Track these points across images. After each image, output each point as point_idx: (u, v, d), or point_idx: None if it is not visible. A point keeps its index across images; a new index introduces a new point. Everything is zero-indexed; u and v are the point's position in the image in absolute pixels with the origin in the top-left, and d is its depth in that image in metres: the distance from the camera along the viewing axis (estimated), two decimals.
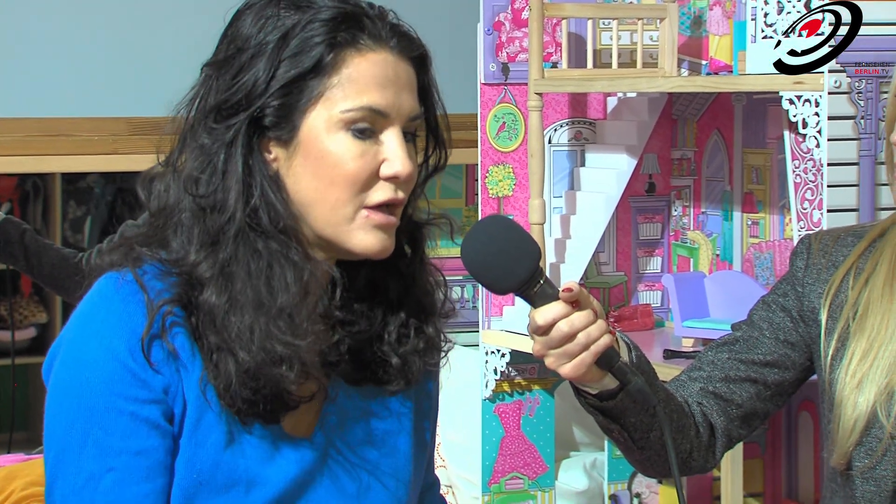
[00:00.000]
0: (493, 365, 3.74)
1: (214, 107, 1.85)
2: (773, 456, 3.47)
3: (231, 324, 1.82)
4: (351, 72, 1.84)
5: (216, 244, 1.84)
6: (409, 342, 1.95)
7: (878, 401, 2.17)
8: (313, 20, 1.84)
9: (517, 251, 1.90)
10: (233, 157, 1.84)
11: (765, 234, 3.54)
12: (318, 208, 1.86)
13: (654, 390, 2.07)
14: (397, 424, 2.01)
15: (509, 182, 3.75)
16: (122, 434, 1.81)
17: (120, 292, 1.84)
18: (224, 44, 1.89)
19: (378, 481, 1.97)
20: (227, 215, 1.83)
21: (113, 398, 1.81)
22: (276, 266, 1.84)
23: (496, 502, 3.79)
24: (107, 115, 4.14)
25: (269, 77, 1.83)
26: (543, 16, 3.51)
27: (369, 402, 1.98)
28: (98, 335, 1.83)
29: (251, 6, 1.89)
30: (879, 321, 2.20)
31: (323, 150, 1.84)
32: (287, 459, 1.90)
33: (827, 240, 2.33)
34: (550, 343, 1.94)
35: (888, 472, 2.18)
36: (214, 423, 1.85)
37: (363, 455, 1.97)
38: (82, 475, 1.80)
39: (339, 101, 1.84)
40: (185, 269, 1.85)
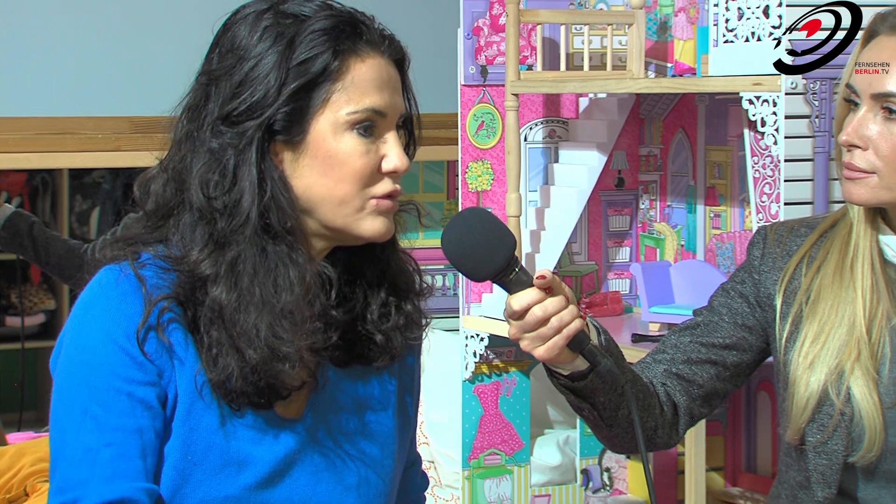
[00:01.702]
0: (473, 348, 3.74)
1: (222, 114, 1.84)
2: (733, 432, 3.48)
3: (238, 321, 1.81)
4: (353, 76, 1.85)
5: (224, 244, 1.83)
6: (391, 319, 1.96)
7: (829, 380, 2.18)
8: (315, 29, 1.84)
9: (494, 241, 1.91)
10: (245, 162, 1.83)
11: (726, 225, 3.54)
12: (327, 204, 1.86)
13: (621, 371, 2.08)
14: (382, 402, 2.01)
15: (488, 177, 3.75)
16: (119, 412, 1.81)
17: (119, 284, 1.84)
18: (218, 52, 1.88)
19: (365, 457, 1.97)
20: (243, 217, 1.82)
21: (112, 378, 1.82)
22: (282, 266, 1.84)
23: (476, 477, 3.79)
24: (110, 114, 4.13)
25: (280, 85, 1.83)
26: (519, 21, 3.51)
27: (356, 382, 1.98)
28: (97, 321, 1.84)
29: (243, 17, 1.88)
30: (830, 306, 2.21)
31: (331, 150, 1.85)
32: (277, 440, 1.90)
33: (782, 231, 2.34)
34: (526, 327, 1.95)
35: (839, 447, 2.19)
36: (206, 409, 1.85)
37: (350, 433, 1.97)
38: (80, 448, 1.80)
39: (343, 104, 1.84)
40: (185, 267, 1.84)
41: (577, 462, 3.91)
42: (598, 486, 3.90)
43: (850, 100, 2.17)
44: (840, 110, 2.19)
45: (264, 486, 1.88)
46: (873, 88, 2.13)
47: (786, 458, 2.30)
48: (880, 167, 2.13)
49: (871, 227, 2.21)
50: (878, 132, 2.13)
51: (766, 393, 3.40)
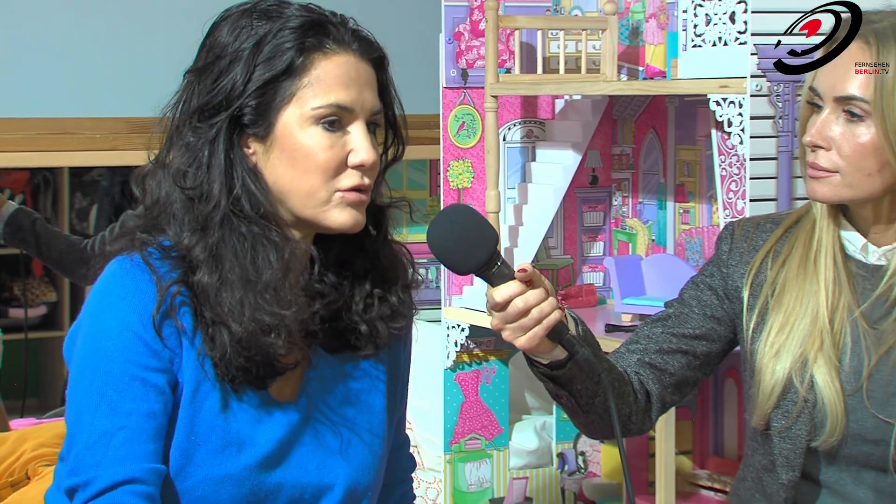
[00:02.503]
0: (454, 338, 3.74)
1: (198, 108, 1.87)
2: (701, 418, 3.48)
3: (223, 299, 1.83)
4: (319, 73, 1.86)
5: (205, 229, 1.85)
6: (374, 310, 1.96)
7: (793, 368, 2.18)
8: (283, 28, 1.86)
9: (477, 236, 1.91)
10: (216, 152, 1.85)
11: (695, 221, 3.55)
12: (295, 194, 1.88)
13: (598, 360, 2.08)
14: (371, 386, 2.02)
15: (468, 175, 3.75)
16: (133, 397, 1.82)
17: (131, 272, 1.85)
18: (203, 52, 1.91)
19: (356, 436, 1.98)
20: (213, 203, 1.85)
21: (127, 365, 1.82)
22: (259, 247, 1.85)
23: (457, 460, 3.79)
24: (107, 115, 4.13)
25: (245, 80, 1.85)
26: (498, 27, 3.51)
27: (346, 367, 1.99)
28: (113, 309, 1.84)
29: (227, 18, 1.91)
30: (794, 298, 2.21)
31: (297, 143, 1.86)
32: (275, 422, 1.91)
33: (748, 226, 2.34)
34: (507, 318, 1.95)
35: (802, 432, 2.19)
36: (210, 391, 1.86)
37: (342, 414, 1.97)
38: (96, 431, 1.80)
39: (309, 99, 1.86)
40: (181, 253, 1.85)
41: (554, 446, 3.92)
42: (574, 469, 3.91)
43: (814, 102, 2.17)
44: (804, 112, 2.19)
45: (263, 465, 1.89)
46: (836, 92, 2.13)
47: (752, 443, 2.30)
48: (842, 167, 2.13)
49: (833, 223, 2.21)
50: (840, 133, 2.13)
51: (733, 380, 3.41)
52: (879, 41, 2.09)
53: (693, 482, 3.37)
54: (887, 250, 2.19)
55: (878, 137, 2.10)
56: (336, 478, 1.95)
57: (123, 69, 4.14)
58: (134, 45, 4.15)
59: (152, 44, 4.10)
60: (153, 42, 4.11)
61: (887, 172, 2.12)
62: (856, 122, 2.12)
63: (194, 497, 1.86)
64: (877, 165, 2.12)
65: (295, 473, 1.92)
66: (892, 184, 2.13)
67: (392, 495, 2.13)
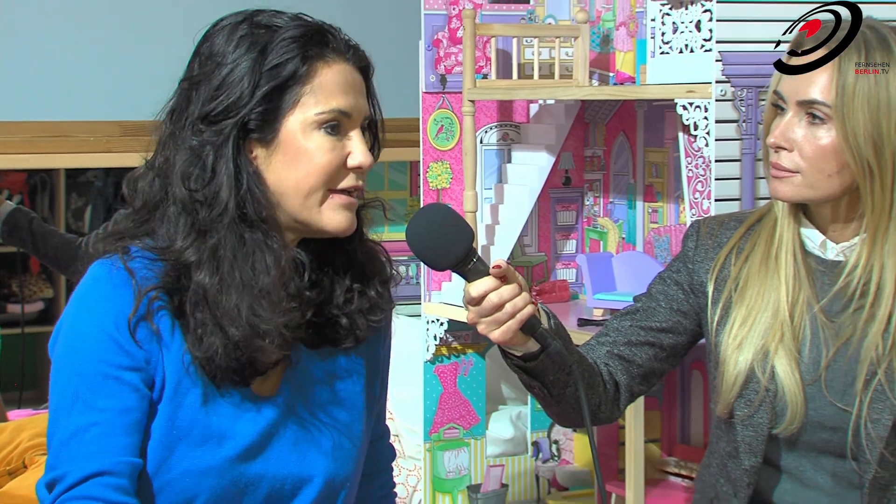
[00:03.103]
0: (434, 332, 3.74)
1: (202, 115, 1.85)
2: (669, 407, 3.48)
3: (221, 302, 1.82)
4: (321, 80, 1.86)
5: (206, 232, 1.83)
6: (354, 303, 1.96)
7: (755, 359, 2.19)
8: (285, 37, 1.86)
9: (454, 234, 1.91)
10: (223, 157, 1.84)
11: (663, 220, 3.55)
12: (295, 196, 1.87)
13: (569, 352, 2.08)
14: (350, 380, 2.01)
15: (447, 176, 3.75)
16: (107, 394, 1.81)
17: (111, 276, 1.84)
18: (199, 60, 1.89)
19: (335, 430, 1.97)
20: (221, 207, 1.83)
21: (100, 364, 1.81)
22: (259, 252, 1.84)
23: (436, 449, 3.79)
24: (101, 118, 4.12)
25: (253, 88, 1.84)
26: (475, 34, 3.51)
27: (326, 362, 1.98)
28: (90, 312, 1.83)
29: (221, 28, 1.90)
30: (756, 293, 2.21)
31: (301, 146, 1.86)
32: (255, 416, 1.90)
33: (713, 224, 2.34)
34: (483, 312, 1.95)
35: (763, 419, 2.20)
36: (191, 387, 1.85)
37: (321, 408, 1.97)
38: (70, 428, 1.80)
39: (312, 105, 1.86)
40: (171, 256, 1.84)
41: (529, 435, 3.92)
42: (548, 457, 3.91)
43: (778, 105, 2.17)
44: (768, 115, 2.20)
45: (243, 457, 1.88)
46: (799, 96, 2.13)
47: (716, 431, 2.31)
48: (804, 167, 2.14)
49: (794, 221, 2.22)
50: (802, 136, 2.13)
51: (699, 371, 3.41)
52: None
53: (661, 469, 3.38)
54: (845, 247, 2.20)
55: (838, 140, 2.10)
56: (315, 470, 1.94)
57: (116, 75, 4.14)
58: (126, 53, 4.14)
59: (144, 51, 4.10)
60: (145, 50, 4.10)
61: (846, 174, 2.12)
62: (817, 124, 2.12)
63: (177, 489, 1.85)
64: (836, 167, 2.12)
65: (275, 465, 1.91)
66: (850, 184, 2.14)
67: (373, 484, 2.13)
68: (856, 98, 2.08)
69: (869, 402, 2.14)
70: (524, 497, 3.89)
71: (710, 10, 2.89)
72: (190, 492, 1.86)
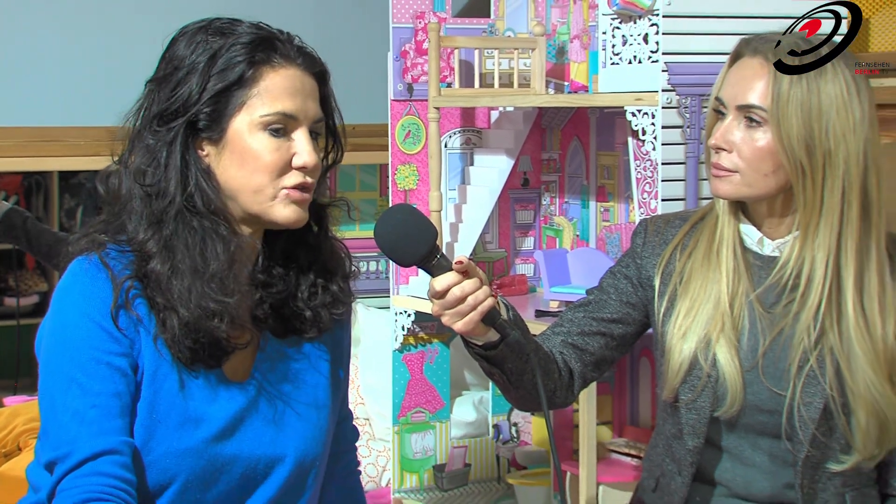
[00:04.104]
0: (402, 323, 3.74)
1: (157, 114, 1.86)
2: (619, 392, 3.49)
3: (173, 287, 1.82)
4: (267, 84, 1.86)
5: (160, 223, 1.84)
6: (318, 297, 1.96)
7: (698, 348, 2.19)
8: (235, 43, 1.86)
9: (419, 232, 1.90)
10: (173, 153, 1.85)
11: (614, 218, 3.56)
12: (245, 192, 1.87)
13: (527, 342, 2.08)
14: (316, 366, 2.01)
15: (413, 178, 3.74)
16: (101, 378, 1.80)
17: (88, 272, 1.84)
18: (163, 63, 1.90)
19: (304, 412, 1.97)
20: (168, 199, 1.84)
21: (92, 351, 1.80)
22: (209, 240, 1.84)
23: (404, 431, 3.79)
24: (90, 124, 4.10)
25: (201, 89, 1.84)
26: (440, 46, 3.51)
27: (293, 349, 1.98)
28: (75, 305, 1.83)
29: (184, 34, 1.90)
30: (699, 286, 2.22)
31: (246, 146, 1.86)
32: (229, 400, 1.90)
33: (660, 223, 2.35)
34: (446, 305, 1.95)
35: (706, 403, 2.20)
36: (168, 373, 1.85)
37: (290, 392, 1.97)
38: (69, 411, 1.78)
39: (258, 107, 1.85)
40: (136, 247, 1.84)
41: (490, 418, 3.92)
42: (507, 439, 3.91)
43: (719, 110, 2.18)
44: (710, 119, 2.21)
45: (218, 439, 1.88)
46: (738, 101, 2.14)
47: (662, 414, 2.31)
48: (742, 167, 2.14)
49: (733, 219, 2.23)
50: (741, 138, 2.14)
51: (647, 359, 3.42)
52: (778, 58, 2.11)
53: (612, 449, 3.38)
54: (780, 243, 2.20)
55: (773, 142, 2.11)
56: (286, 450, 1.94)
57: (104, 83, 4.12)
58: (114, 62, 4.12)
59: (130, 61, 4.08)
60: (131, 59, 4.08)
61: (781, 173, 2.13)
62: (755, 127, 2.13)
63: (158, 469, 1.85)
64: (772, 167, 2.13)
65: (249, 446, 1.91)
66: (784, 183, 2.14)
67: (339, 463, 2.13)
68: (790, 103, 2.08)
69: (802, 386, 2.15)
70: (486, 475, 3.90)
71: (656, 24, 2.89)
72: (170, 471, 1.85)
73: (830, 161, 2.09)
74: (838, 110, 2.08)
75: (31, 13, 4.08)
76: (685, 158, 2.92)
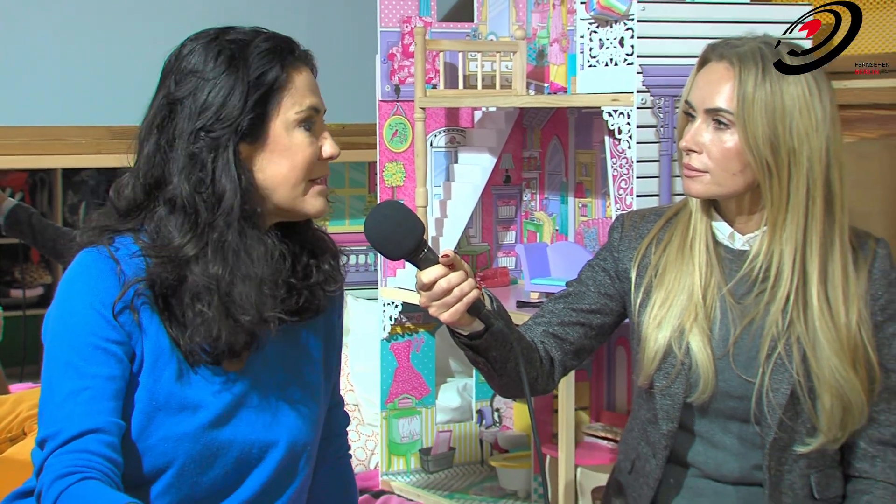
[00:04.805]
0: (389, 314, 3.73)
1: (197, 126, 1.82)
2: (597, 379, 3.49)
3: (233, 292, 1.81)
4: (295, 84, 1.87)
5: (205, 229, 1.81)
6: (312, 277, 1.96)
7: (673, 337, 2.19)
8: (261, 49, 1.86)
9: (406, 227, 1.90)
10: (223, 161, 1.82)
11: (592, 213, 3.56)
12: (283, 187, 1.87)
13: (510, 331, 2.08)
14: (309, 355, 2.01)
15: (401, 175, 3.74)
16: (96, 363, 1.79)
17: (97, 263, 1.83)
18: (174, 79, 1.86)
19: (296, 399, 1.97)
20: (227, 207, 1.82)
21: (90, 336, 1.80)
22: (255, 244, 1.84)
23: (392, 417, 3.79)
24: (91, 123, 4.09)
25: (244, 97, 1.83)
26: (426, 49, 3.50)
27: (289, 339, 1.98)
28: (80, 294, 1.82)
29: (192, 49, 1.87)
30: (674, 278, 2.22)
31: (286, 144, 1.86)
32: (225, 388, 1.89)
33: (636, 218, 2.34)
34: (433, 296, 1.94)
35: (679, 390, 2.20)
36: (168, 363, 1.85)
37: (285, 381, 1.96)
38: (64, 392, 1.78)
39: (290, 106, 1.86)
40: (166, 252, 1.82)
41: (473, 404, 3.92)
42: (490, 423, 3.91)
43: (689, 113, 2.18)
44: (681, 121, 2.20)
45: (214, 425, 1.87)
46: (706, 104, 2.14)
47: (638, 399, 2.31)
48: (712, 167, 2.14)
49: (706, 215, 2.23)
50: (710, 139, 2.14)
51: (623, 348, 3.42)
52: (741, 63, 2.11)
53: (590, 433, 3.38)
54: (749, 238, 2.20)
55: (740, 143, 2.11)
56: (279, 435, 1.93)
57: (104, 85, 4.10)
58: (114, 64, 4.10)
59: (130, 63, 4.07)
60: (131, 61, 4.07)
61: (748, 172, 2.13)
62: (722, 129, 2.13)
63: (157, 453, 1.84)
64: (740, 166, 2.13)
65: (243, 432, 1.90)
66: (752, 182, 2.14)
67: (330, 447, 2.13)
68: (755, 105, 2.09)
69: (770, 373, 2.15)
70: (469, 458, 3.90)
71: (631, 28, 2.89)
72: (168, 455, 1.85)
73: (795, 159, 2.09)
74: (801, 110, 2.08)
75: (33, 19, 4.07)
76: (659, 156, 2.92)
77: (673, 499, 2.26)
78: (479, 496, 3.62)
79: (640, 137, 2.89)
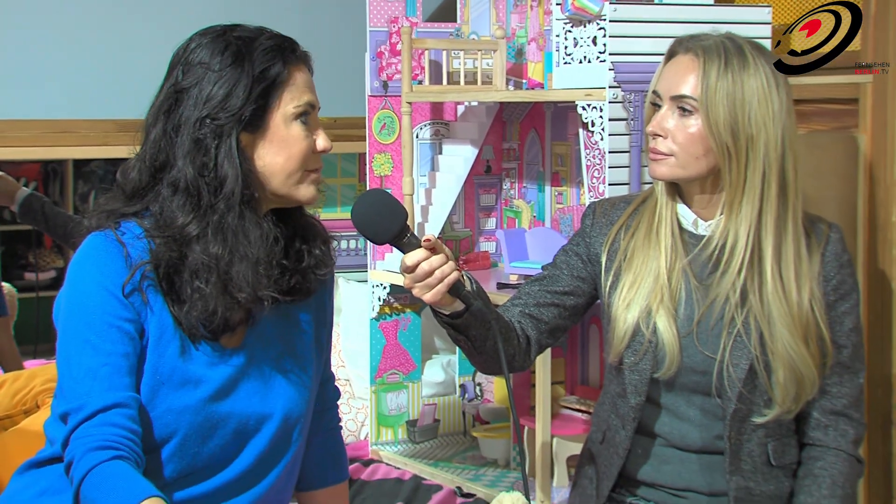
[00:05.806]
0: (378, 295, 3.73)
1: (202, 114, 1.82)
2: (571, 355, 3.50)
3: (231, 270, 1.81)
4: (294, 80, 1.88)
5: (207, 210, 1.81)
6: (304, 261, 1.96)
7: (640, 317, 2.19)
8: (266, 46, 1.86)
9: (391, 213, 1.90)
10: (226, 148, 1.82)
11: (567, 201, 3.55)
12: (279, 176, 1.87)
13: (489, 311, 2.08)
14: (302, 332, 2.00)
15: (389, 165, 3.73)
16: (112, 340, 1.79)
17: (105, 246, 1.82)
18: (181, 70, 1.86)
19: (290, 374, 1.97)
20: (229, 190, 1.82)
21: (105, 315, 1.79)
22: (252, 226, 1.84)
23: (380, 391, 3.78)
24: (99, 117, 4.07)
25: (248, 89, 1.83)
26: (412, 47, 3.49)
27: (282, 316, 1.97)
28: (90, 275, 1.81)
29: (199, 43, 1.87)
30: (641, 262, 2.22)
31: (284, 135, 1.86)
32: (224, 363, 1.89)
33: (606, 205, 2.34)
34: (416, 278, 1.94)
35: (647, 366, 2.21)
36: (171, 340, 1.84)
37: (279, 356, 1.96)
38: (83, 368, 1.77)
39: (290, 100, 1.87)
40: (170, 232, 1.82)
41: (457, 379, 3.92)
42: (472, 397, 3.91)
43: (655, 102, 2.18)
44: (648, 110, 2.21)
45: (214, 398, 1.87)
46: (672, 92, 2.14)
47: (609, 375, 2.31)
48: (676, 151, 2.15)
49: (671, 201, 2.23)
50: (675, 125, 2.14)
51: (596, 326, 3.43)
52: (706, 54, 2.12)
53: (565, 406, 3.39)
54: (711, 223, 2.21)
55: (703, 128, 2.12)
56: (274, 408, 1.93)
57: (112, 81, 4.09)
58: (120, 62, 4.09)
59: (135, 60, 4.05)
60: (136, 59, 4.05)
61: (710, 156, 2.14)
62: (686, 115, 2.13)
63: (160, 424, 1.84)
64: (703, 150, 2.13)
65: (241, 405, 1.90)
66: (714, 165, 2.15)
67: (322, 419, 2.12)
68: (717, 94, 2.09)
69: (730, 349, 2.16)
70: (453, 429, 3.90)
71: (604, 28, 2.89)
72: (171, 426, 1.84)
73: (752, 145, 2.10)
74: (759, 100, 2.09)
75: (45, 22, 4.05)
76: (629, 148, 2.92)
77: (641, 466, 2.27)
78: (461, 464, 3.62)
79: (611, 130, 2.89)
